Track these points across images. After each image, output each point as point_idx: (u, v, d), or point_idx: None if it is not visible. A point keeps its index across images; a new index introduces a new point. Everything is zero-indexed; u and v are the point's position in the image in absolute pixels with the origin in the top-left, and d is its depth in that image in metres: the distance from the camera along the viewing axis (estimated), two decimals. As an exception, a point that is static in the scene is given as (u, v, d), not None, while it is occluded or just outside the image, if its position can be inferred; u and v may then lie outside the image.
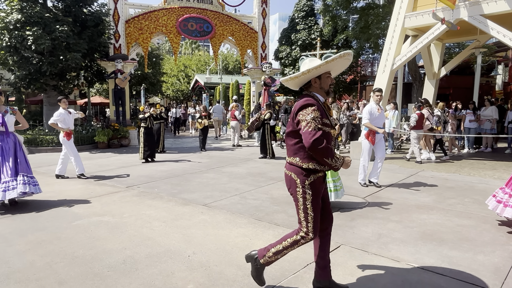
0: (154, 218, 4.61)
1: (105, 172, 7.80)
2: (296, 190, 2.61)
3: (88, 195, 5.82)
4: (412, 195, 5.74)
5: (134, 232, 4.12)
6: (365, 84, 23.14)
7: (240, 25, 15.61)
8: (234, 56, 38.03)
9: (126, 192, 6.01)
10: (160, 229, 4.19)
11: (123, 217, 4.67)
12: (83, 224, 4.40)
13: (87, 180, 7.03)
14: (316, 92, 2.67)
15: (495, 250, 3.59)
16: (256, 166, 8.48)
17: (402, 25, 8.87)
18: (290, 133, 2.64)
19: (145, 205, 5.21)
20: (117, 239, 3.91)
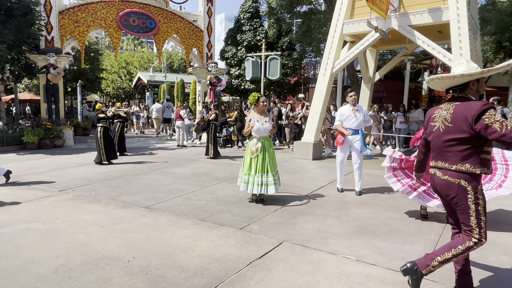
0: (91, 223, 4.36)
1: (35, 176, 7.18)
2: (468, 197, 2.54)
3: (15, 201, 5.31)
4: (349, 191, 6.09)
5: (68, 238, 3.85)
6: (308, 86, 24.06)
7: (185, 23, 15.32)
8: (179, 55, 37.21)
9: (59, 197, 5.59)
10: (97, 235, 3.97)
11: (55, 223, 4.34)
12: (8, 233, 4.01)
13: (14, 184, 6.41)
14: (472, 95, 2.64)
15: (419, 240, 3.96)
16: (202, 167, 8.40)
17: (340, 31, 9.37)
18: (458, 140, 2.53)
19: (80, 210, 4.90)
20: (48, 247, 3.63)
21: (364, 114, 5.94)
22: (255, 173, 5.13)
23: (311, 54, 20.56)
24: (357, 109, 5.96)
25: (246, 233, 4.08)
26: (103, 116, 8.81)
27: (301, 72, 22.11)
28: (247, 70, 14.60)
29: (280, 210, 4.99)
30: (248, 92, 19.37)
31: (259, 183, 5.12)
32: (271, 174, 5.18)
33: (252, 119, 5.23)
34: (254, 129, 5.19)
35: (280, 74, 14.36)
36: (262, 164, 5.15)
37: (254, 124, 5.17)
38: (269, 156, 5.22)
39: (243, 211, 4.90)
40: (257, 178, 5.12)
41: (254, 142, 5.17)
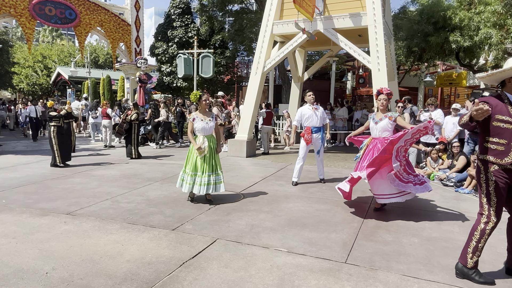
0: (0, 235, 3.89)
1: None
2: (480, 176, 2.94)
3: None
4: (281, 187, 6.31)
5: (-29, 254, 3.39)
6: (241, 84, 24.29)
7: (111, 16, 14.42)
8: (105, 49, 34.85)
9: (-40, 207, 4.89)
10: (8, 247, 3.56)
11: (-46, 237, 3.79)
12: None
13: None
14: (508, 92, 2.86)
15: (344, 228, 4.26)
16: (132, 168, 8.00)
17: (271, 31, 9.63)
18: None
19: (-13, 221, 4.34)
20: None
21: (322, 112, 6.37)
22: (203, 173, 5.00)
23: (244, 53, 20.79)
24: (316, 108, 6.34)
25: (179, 234, 4.00)
26: (56, 115, 7.97)
27: (235, 70, 22.24)
28: (179, 67, 14.25)
29: (214, 208, 4.98)
30: (180, 90, 18.91)
31: (207, 183, 5.00)
32: (220, 172, 5.17)
33: (196, 119, 5.10)
34: (199, 128, 5.08)
35: (213, 72, 14.29)
36: (209, 163, 5.06)
37: (197, 124, 5.07)
38: (216, 155, 5.19)
39: (176, 212, 4.79)
40: (204, 178, 4.99)
41: (201, 141, 5.05)
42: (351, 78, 20.34)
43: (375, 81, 8.45)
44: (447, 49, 11.87)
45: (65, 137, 8.14)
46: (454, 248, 3.66)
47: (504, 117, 2.79)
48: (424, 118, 8.15)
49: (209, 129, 5.14)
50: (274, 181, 6.75)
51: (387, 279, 3.04)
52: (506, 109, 2.81)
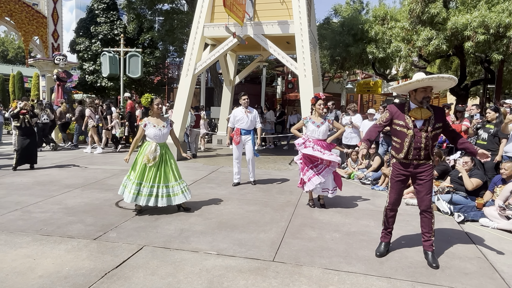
0: None
1: None
2: None
3: None
4: (212, 189, 6.29)
5: None
6: (172, 86, 23.66)
7: (22, 6, 13.01)
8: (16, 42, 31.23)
9: None
10: None
11: None
12: None
13: None
14: (412, 101, 3.46)
15: (272, 228, 4.40)
16: (48, 174, 7.28)
17: (201, 33, 9.56)
18: None
19: None
20: None
21: (254, 116, 6.48)
22: (149, 183, 4.64)
23: (175, 54, 20.28)
24: (249, 111, 6.48)
25: (101, 243, 3.75)
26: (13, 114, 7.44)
27: (165, 71, 21.57)
28: (104, 66, 13.38)
29: (142, 214, 4.77)
30: (105, 89, 17.73)
31: (149, 194, 4.63)
32: (175, 184, 4.79)
33: (148, 124, 4.71)
34: (151, 136, 4.70)
35: (141, 72, 13.71)
36: (158, 173, 4.69)
37: (149, 130, 4.70)
38: (170, 165, 4.81)
39: (98, 220, 4.48)
40: (154, 189, 4.65)
41: (153, 149, 4.65)
42: (281, 83, 21.12)
43: (302, 86, 8.90)
44: (365, 59, 12.99)
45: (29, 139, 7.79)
46: (370, 240, 4.02)
47: (400, 122, 3.44)
48: (346, 121, 8.82)
49: (162, 136, 4.76)
50: (205, 184, 6.70)
51: (311, 273, 3.22)
52: (403, 116, 3.43)
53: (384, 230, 3.74)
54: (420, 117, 3.35)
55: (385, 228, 3.73)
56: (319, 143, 5.24)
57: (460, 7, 10.18)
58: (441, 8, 10.05)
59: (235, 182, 6.64)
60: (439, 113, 3.45)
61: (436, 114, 3.41)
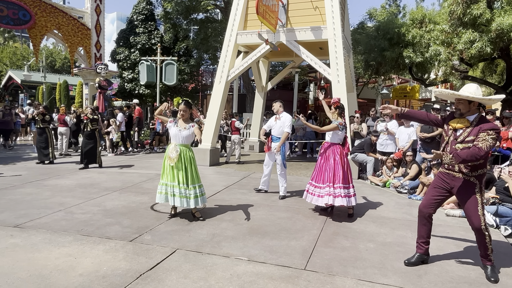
0: None
1: None
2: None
3: None
4: (243, 195, 6.32)
5: None
6: (205, 93, 24.17)
7: (69, 19, 13.87)
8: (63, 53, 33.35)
9: None
10: None
11: None
12: None
13: None
14: None
15: (304, 235, 4.34)
16: (88, 177, 7.65)
17: (235, 41, 9.72)
18: None
19: None
20: None
21: (282, 122, 6.17)
22: (172, 183, 4.74)
23: (208, 61, 20.75)
24: (279, 117, 6.25)
25: (137, 245, 3.87)
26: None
27: (199, 79, 22.11)
28: (142, 74, 13.96)
29: (174, 218, 4.88)
30: (143, 97, 18.46)
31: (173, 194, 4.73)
32: (191, 187, 4.77)
33: (172, 123, 4.81)
34: (171, 134, 4.85)
35: (176, 80, 14.14)
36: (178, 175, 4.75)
37: (171, 130, 4.80)
38: (190, 168, 4.82)
39: (134, 222, 4.64)
40: (177, 189, 4.73)
41: (171, 149, 4.77)
42: (313, 89, 20.94)
43: (335, 92, 8.76)
44: (401, 63, 12.59)
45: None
46: (407, 252, 3.85)
47: (445, 127, 3.47)
48: (381, 128, 8.56)
49: (181, 138, 4.80)
50: (237, 190, 6.74)
51: (344, 284, 3.13)
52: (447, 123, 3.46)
53: (417, 239, 3.65)
54: (455, 127, 3.33)
55: (418, 238, 3.64)
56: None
57: (506, 7, 9.62)
58: (485, 8, 9.54)
59: (258, 188, 6.54)
60: (477, 129, 3.21)
61: (474, 128, 3.23)
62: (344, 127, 5.22)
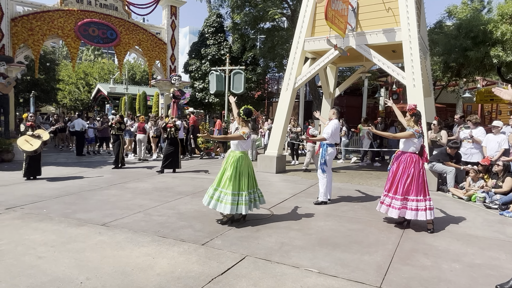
0: (40, 243, 4.06)
1: (-22, 193, 6.61)
2: None
3: (-47, 221, 4.85)
4: (311, 204, 6.18)
5: (13, 261, 3.55)
6: (271, 100, 24.44)
7: (148, 35, 15.10)
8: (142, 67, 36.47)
9: (5, 215, 5.18)
10: (47, 255, 3.70)
11: (-1, 244, 4.00)
12: None
13: (-48, 202, 5.86)
14: None
15: (378, 250, 4.08)
16: (163, 181, 8.17)
17: (302, 48, 9.67)
18: None
19: (29, 229, 4.56)
20: (-10, 271, 3.32)
21: (326, 127, 6.22)
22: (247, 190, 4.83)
23: (275, 69, 20.98)
24: (327, 123, 6.28)
25: (208, 249, 3.99)
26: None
27: (265, 86, 22.45)
28: (211, 83, 14.60)
29: (244, 223, 4.94)
30: (212, 105, 19.32)
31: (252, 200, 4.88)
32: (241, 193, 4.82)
33: (243, 131, 4.87)
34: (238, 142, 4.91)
35: (244, 88, 14.51)
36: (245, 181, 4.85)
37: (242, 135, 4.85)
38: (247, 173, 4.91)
39: (205, 226, 4.80)
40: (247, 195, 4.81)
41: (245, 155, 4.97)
42: (384, 94, 19.90)
43: (410, 97, 8.20)
44: (487, 64, 11.36)
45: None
46: (500, 276, 3.39)
47: None
48: (464, 135, 7.77)
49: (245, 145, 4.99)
50: (304, 198, 6.63)
51: (426, 307, 2.85)
52: None
53: None
54: None
55: None
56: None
57: None
58: None
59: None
60: None
61: None
62: (420, 134, 4.84)
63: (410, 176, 4.75)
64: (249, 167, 4.89)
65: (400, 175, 4.81)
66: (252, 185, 4.91)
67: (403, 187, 4.75)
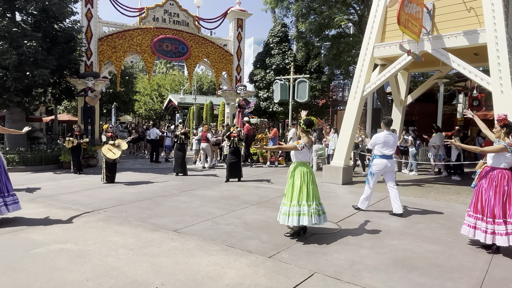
0: (121, 245, 4.38)
1: (69, 195, 7.42)
2: None
3: (49, 220, 5.48)
4: (382, 219, 5.82)
5: (98, 261, 3.88)
6: (336, 108, 23.83)
7: (216, 48, 15.78)
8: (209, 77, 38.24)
9: (91, 217, 5.71)
10: (126, 258, 3.98)
11: (86, 244, 4.41)
12: (42, 253, 4.10)
13: (50, 203, 6.64)
14: None
15: (463, 277, 3.66)
16: (229, 189, 8.37)
17: (371, 54, 9.27)
18: None
19: (111, 231, 4.96)
20: (79, 269, 3.66)
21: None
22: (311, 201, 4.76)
23: (340, 76, 20.46)
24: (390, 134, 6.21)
25: (275, 262, 3.95)
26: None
27: (330, 94, 21.99)
28: (276, 92, 14.71)
29: (311, 238, 4.82)
30: (276, 114, 19.43)
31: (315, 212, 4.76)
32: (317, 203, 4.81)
33: (302, 143, 4.80)
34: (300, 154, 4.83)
35: (308, 97, 14.36)
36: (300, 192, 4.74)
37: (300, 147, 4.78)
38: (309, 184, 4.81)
39: (272, 238, 4.77)
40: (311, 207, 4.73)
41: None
42: (462, 101, 18.21)
43: (497, 105, 7.36)
44: None
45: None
46: None
47: None
48: None
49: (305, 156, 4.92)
50: (374, 213, 6.27)
51: None
52: None
53: None
54: None
55: None
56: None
57: None
58: None
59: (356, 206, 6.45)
60: None
61: None
62: None
63: (501, 196, 4.22)
64: (307, 178, 4.72)
65: (489, 194, 4.29)
66: (313, 197, 4.72)
67: (493, 208, 4.23)
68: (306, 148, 4.80)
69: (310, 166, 5.00)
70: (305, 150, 4.79)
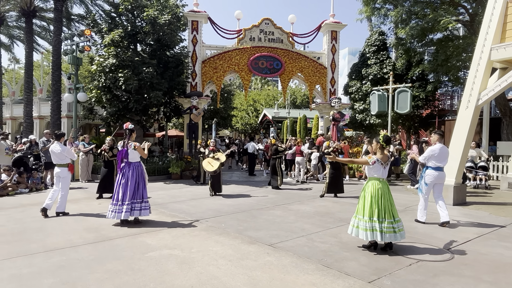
0: (221, 255, 4.63)
1: (176, 204, 8.18)
2: None
3: (160, 226, 6.10)
4: (508, 250, 4.95)
5: (201, 269, 4.15)
6: (444, 118, 21.45)
7: (309, 62, 15.84)
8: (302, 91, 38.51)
9: (195, 226, 6.18)
10: (225, 268, 4.17)
11: (191, 252, 4.77)
12: (155, 257, 4.58)
13: (161, 211, 7.42)
14: None
15: None
16: (324, 205, 8.17)
17: (488, 57, 8.14)
18: None
19: (212, 241, 5.28)
20: (185, 275, 3.97)
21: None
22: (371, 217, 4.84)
23: (448, 84, 18.45)
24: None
25: (376, 288, 3.68)
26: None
27: (435, 103, 19.96)
28: (373, 104, 14.01)
29: (416, 264, 4.36)
30: (373, 126, 18.44)
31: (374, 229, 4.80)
32: (393, 221, 4.82)
33: (377, 162, 4.90)
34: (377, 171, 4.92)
35: (410, 107, 13.31)
36: (377, 208, 4.83)
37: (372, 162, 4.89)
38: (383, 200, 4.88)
39: (371, 261, 4.47)
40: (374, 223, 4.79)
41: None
42: None
43: None
44: None
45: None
46: None
47: None
48: None
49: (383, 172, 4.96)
50: (496, 241, 5.38)
51: None
52: None
53: None
54: None
55: None
56: None
57: None
58: None
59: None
60: None
61: None
62: None
63: None
64: (379, 194, 4.80)
65: None
66: (385, 213, 4.76)
67: None
68: (378, 164, 4.87)
69: (385, 181, 4.96)
70: (377, 165, 4.88)
